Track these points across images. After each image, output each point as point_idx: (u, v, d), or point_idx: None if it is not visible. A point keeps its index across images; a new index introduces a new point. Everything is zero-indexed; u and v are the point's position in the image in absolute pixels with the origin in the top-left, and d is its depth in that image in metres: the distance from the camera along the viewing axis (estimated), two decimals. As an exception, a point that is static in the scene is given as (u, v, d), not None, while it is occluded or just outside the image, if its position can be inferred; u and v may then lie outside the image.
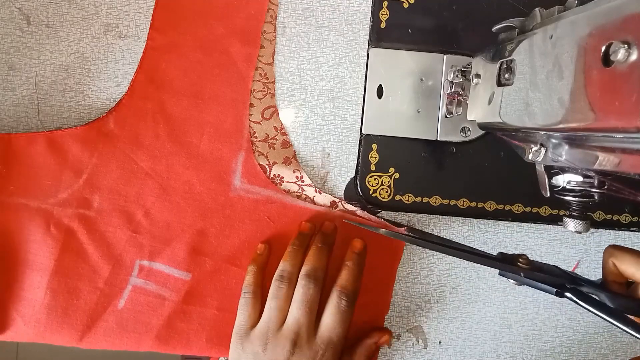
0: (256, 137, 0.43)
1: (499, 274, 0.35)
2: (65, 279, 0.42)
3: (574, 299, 0.32)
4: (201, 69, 0.42)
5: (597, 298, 0.32)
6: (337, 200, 0.44)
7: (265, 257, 0.42)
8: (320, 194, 0.44)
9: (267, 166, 0.43)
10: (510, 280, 0.35)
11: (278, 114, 0.44)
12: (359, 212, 0.43)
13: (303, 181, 0.44)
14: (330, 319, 0.38)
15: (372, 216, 0.43)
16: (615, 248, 0.33)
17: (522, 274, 0.34)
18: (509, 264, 0.34)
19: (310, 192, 0.44)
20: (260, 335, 0.38)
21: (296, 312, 0.38)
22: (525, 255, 0.36)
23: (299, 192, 0.44)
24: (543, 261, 0.45)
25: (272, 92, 0.44)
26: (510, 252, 0.45)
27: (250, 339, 0.39)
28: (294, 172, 0.43)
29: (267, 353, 0.37)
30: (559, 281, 0.33)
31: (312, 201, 0.44)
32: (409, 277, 0.45)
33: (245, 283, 0.41)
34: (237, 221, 0.43)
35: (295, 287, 0.39)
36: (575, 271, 0.45)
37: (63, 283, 0.42)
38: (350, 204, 0.44)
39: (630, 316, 0.31)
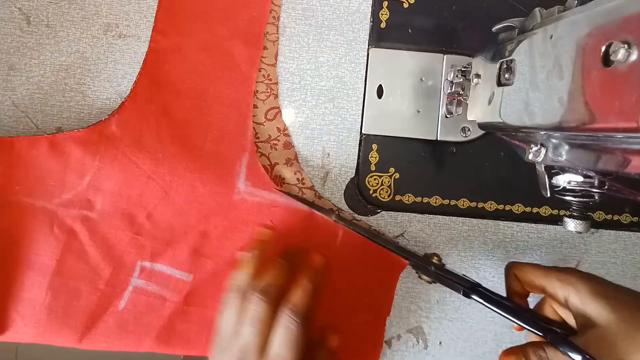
0: (258, 138, 0.43)
1: (410, 264, 0.39)
2: (66, 279, 0.42)
3: (479, 299, 0.35)
4: (204, 70, 0.42)
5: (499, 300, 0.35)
6: (334, 208, 0.44)
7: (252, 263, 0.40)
8: (320, 199, 0.44)
9: (268, 167, 0.43)
10: (422, 277, 0.38)
11: (281, 115, 0.44)
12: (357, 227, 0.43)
13: (303, 184, 0.44)
14: (278, 341, 0.35)
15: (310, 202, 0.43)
16: (516, 263, 0.37)
17: (433, 268, 0.37)
18: (423, 261, 0.38)
19: (309, 195, 0.44)
20: (217, 341, 0.37)
21: (245, 330, 0.36)
22: (438, 254, 0.40)
23: (299, 195, 0.44)
24: (543, 261, 0.45)
25: (276, 93, 0.44)
26: (512, 252, 0.45)
27: (216, 345, 0.37)
28: (295, 173, 0.43)
29: None
30: (467, 284, 0.36)
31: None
32: (409, 277, 0.45)
33: (230, 283, 0.40)
34: (240, 224, 0.42)
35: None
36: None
37: (64, 284, 0.42)
38: (343, 219, 0.43)
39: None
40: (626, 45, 0.20)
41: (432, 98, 0.43)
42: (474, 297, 0.36)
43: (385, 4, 0.43)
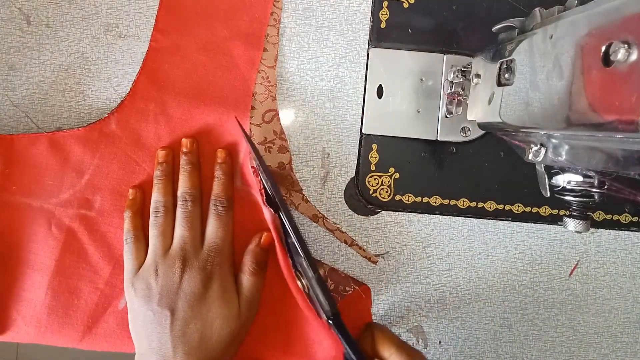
0: (254, 140, 0.43)
1: (297, 261, 0.39)
2: (66, 279, 0.42)
3: (334, 328, 0.37)
4: (204, 71, 0.42)
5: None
6: (319, 215, 0.44)
7: (139, 201, 0.42)
8: (307, 203, 0.44)
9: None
10: (300, 279, 0.39)
11: (279, 118, 0.44)
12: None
13: (293, 187, 0.44)
14: (211, 227, 0.40)
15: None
16: (378, 325, 0.41)
17: (315, 275, 0.38)
18: (312, 264, 0.38)
19: (296, 198, 0.44)
20: (149, 266, 0.39)
21: (179, 229, 0.39)
22: (328, 268, 0.43)
23: (286, 196, 0.44)
24: (542, 259, 0.45)
25: (274, 96, 0.44)
26: (511, 252, 0.45)
27: (140, 276, 0.39)
28: (286, 177, 0.43)
29: (159, 279, 0.38)
30: (333, 309, 0.38)
31: (297, 208, 0.44)
32: (409, 277, 0.45)
33: (124, 230, 0.41)
34: (236, 222, 0.42)
35: (173, 214, 0.40)
36: (574, 271, 0.45)
37: (64, 283, 0.42)
38: (330, 224, 0.43)
39: None
40: (626, 45, 0.20)
41: (432, 98, 0.43)
42: (331, 322, 0.37)
43: (385, 4, 0.43)
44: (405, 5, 0.43)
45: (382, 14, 0.43)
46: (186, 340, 0.37)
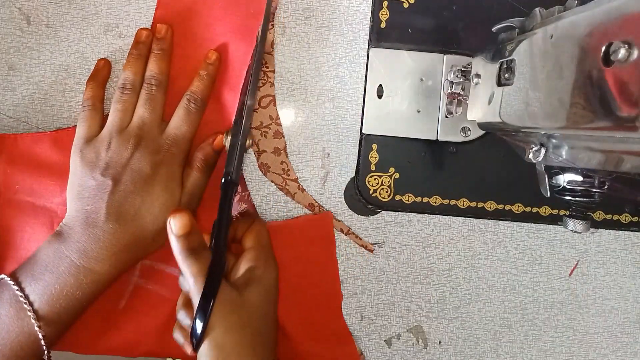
0: (250, 124, 0.43)
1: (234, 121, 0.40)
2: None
3: (222, 190, 0.37)
4: (199, 66, 0.42)
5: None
6: (316, 204, 0.44)
7: (106, 73, 0.42)
8: (303, 192, 0.44)
9: (256, 154, 0.43)
10: (229, 138, 0.40)
11: (275, 103, 0.44)
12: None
13: (288, 175, 0.44)
14: (177, 118, 0.40)
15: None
16: (262, 224, 0.41)
17: (241, 140, 0.39)
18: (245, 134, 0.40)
19: (292, 187, 0.44)
20: (103, 137, 0.39)
21: (141, 110, 0.39)
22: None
23: (282, 185, 0.44)
24: (543, 259, 0.45)
25: (272, 81, 0.44)
26: (512, 252, 0.45)
27: (91, 145, 0.39)
28: (281, 163, 0.43)
29: (110, 152, 0.38)
30: (235, 178, 0.38)
31: (292, 197, 0.44)
32: (409, 277, 0.45)
33: (84, 97, 0.41)
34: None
35: (139, 94, 0.40)
36: (574, 271, 0.45)
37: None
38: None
39: None
40: (626, 45, 0.20)
41: (432, 98, 0.43)
42: (224, 181, 0.37)
43: (385, 4, 0.43)
44: (405, 5, 0.43)
45: (382, 14, 0.43)
46: (121, 211, 0.37)
